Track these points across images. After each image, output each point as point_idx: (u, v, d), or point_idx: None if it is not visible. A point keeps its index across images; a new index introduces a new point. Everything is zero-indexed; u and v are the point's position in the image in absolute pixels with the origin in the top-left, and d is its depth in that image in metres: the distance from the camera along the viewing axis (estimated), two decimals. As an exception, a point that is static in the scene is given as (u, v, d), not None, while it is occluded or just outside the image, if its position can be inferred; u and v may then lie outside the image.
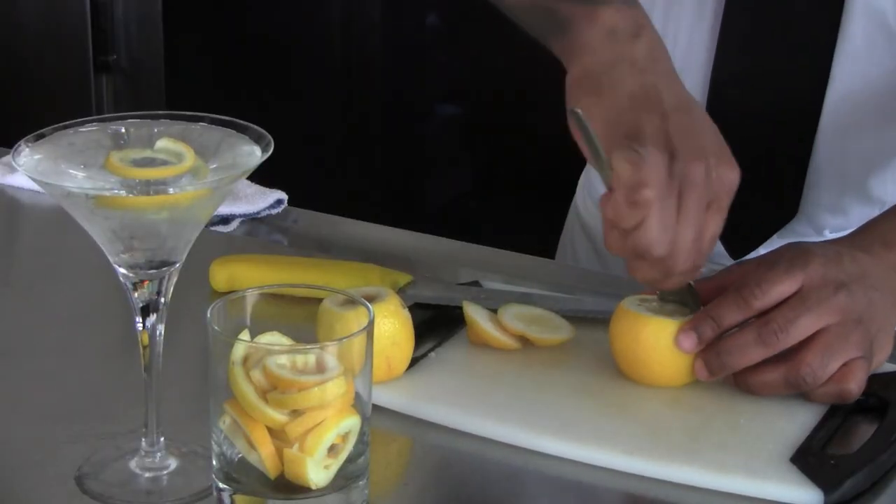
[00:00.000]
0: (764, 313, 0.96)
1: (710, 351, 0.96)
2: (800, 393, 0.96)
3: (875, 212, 1.25)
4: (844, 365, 0.95)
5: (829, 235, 1.26)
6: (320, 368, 0.82)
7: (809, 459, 0.90)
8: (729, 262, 1.23)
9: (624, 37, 1.01)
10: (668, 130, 0.95)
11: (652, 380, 0.98)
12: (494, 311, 1.05)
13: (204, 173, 0.84)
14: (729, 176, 0.95)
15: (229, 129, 0.88)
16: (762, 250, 1.23)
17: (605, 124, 0.96)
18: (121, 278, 0.86)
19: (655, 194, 0.91)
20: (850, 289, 0.96)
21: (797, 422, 0.95)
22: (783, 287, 0.96)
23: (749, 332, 0.95)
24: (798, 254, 0.98)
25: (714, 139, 0.97)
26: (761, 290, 0.96)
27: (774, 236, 1.25)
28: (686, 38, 1.22)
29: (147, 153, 0.86)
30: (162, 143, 0.86)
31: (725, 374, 0.97)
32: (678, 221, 0.93)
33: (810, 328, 0.95)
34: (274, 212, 1.32)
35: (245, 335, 0.83)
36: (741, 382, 0.97)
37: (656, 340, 0.97)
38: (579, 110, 0.94)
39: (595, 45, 1.01)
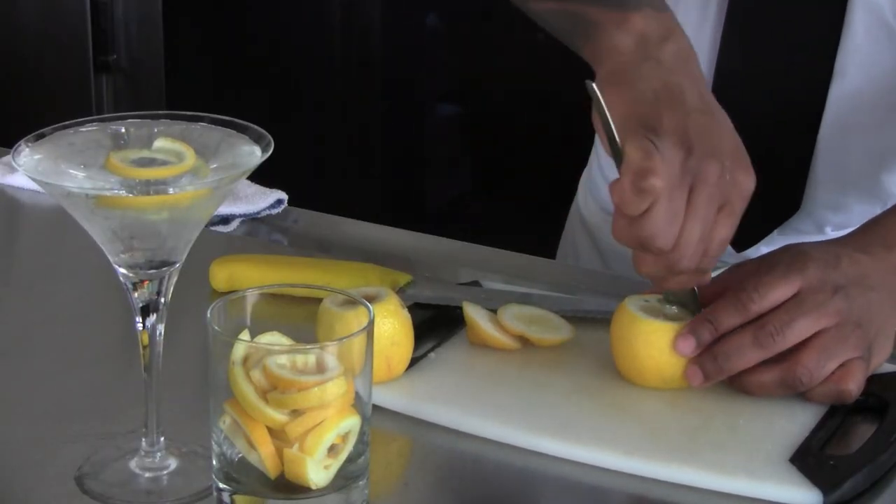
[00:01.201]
0: (761, 317, 0.96)
1: (705, 355, 0.96)
2: (799, 393, 0.96)
3: (877, 209, 1.25)
4: (842, 366, 0.95)
5: (830, 232, 1.26)
6: (320, 368, 0.82)
7: (809, 460, 0.90)
8: (731, 256, 1.24)
9: (654, 40, 1.01)
10: (687, 127, 0.95)
11: (649, 382, 0.98)
12: (494, 311, 1.05)
13: (204, 173, 0.84)
14: (744, 181, 0.95)
15: (229, 129, 0.88)
16: (763, 247, 1.23)
17: (624, 114, 0.96)
18: (121, 278, 0.86)
19: (663, 184, 0.91)
20: (848, 292, 0.96)
21: (796, 422, 0.95)
22: (780, 291, 0.96)
23: (745, 334, 0.95)
24: (796, 257, 0.98)
25: (734, 144, 0.97)
26: (759, 294, 0.96)
27: (776, 232, 1.25)
28: (690, 36, 1.22)
29: (147, 153, 0.86)
30: (160, 143, 0.86)
31: (720, 378, 0.96)
32: (686, 216, 0.93)
33: (806, 331, 0.95)
34: (274, 212, 1.32)
35: (245, 335, 0.83)
36: (737, 383, 0.97)
37: (655, 344, 0.97)
38: (592, 84, 0.94)
39: (624, 49, 1.02)
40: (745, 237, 1.24)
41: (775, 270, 0.97)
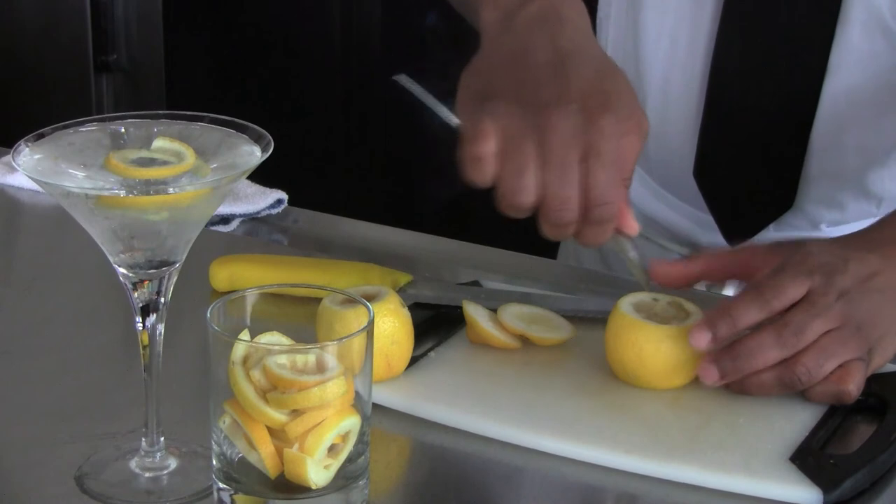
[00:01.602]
0: (773, 317, 0.95)
1: (724, 353, 0.95)
2: (799, 393, 0.96)
3: (872, 207, 1.25)
4: (842, 367, 0.95)
5: (825, 229, 1.26)
6: (320, 368, 0.82)
7: (809, 459, 0.90)
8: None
9: (513, 9, 1.00)
10: (524, 84, 0.94)
11: (641, 382, 0.98)
12: (494, 310, 1.05)
13: (204, 173, 0.84)
14: (604, 122, 0.93)
15: (229, 129, 0.88)
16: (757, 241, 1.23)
17: (464, 93, 0.97)
18: (121, 278, 0.86)
19: (491, 146, 0.92)
20: (852, 297, 0.96)
21: (797, 421, 0.95)
22: (796, 290, 0.95)
23: (767, 333, 0.94)
24: (805, 258, 0.97)
25: (595, 87, 0.95)
26: (780, 291, 0.95)
27: (771, 227, 1.25)
28: (686, 34, 1.22)
29: (147, 153, 0.86)
30: (159, 143, 0.86)
31: (736, 377, 0.95)
32: (544, 169, 0.92)
33: (819, 332, 0.95)
34: (274, 212, 1.32)
35: (245, 335, 0.83)
36: (735, 384, 0.96)
37: (645, 345, 0.97)
38: (402, 75, 0.94)
39: (490, 27, 1.01)
40: (738, 231, 1.24)
41: (787, 270, 0.96)
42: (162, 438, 0.90)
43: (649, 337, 0.97)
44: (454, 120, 0.94)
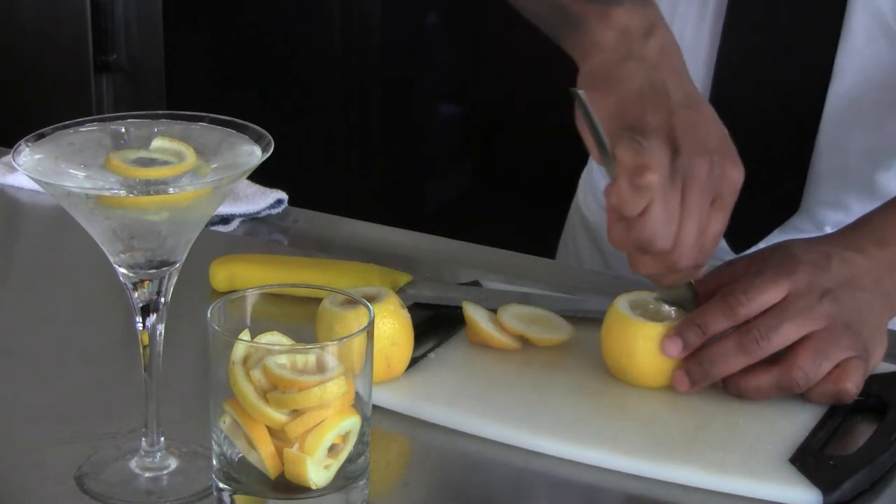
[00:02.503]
0: (748, 321, 0.96)
1: (691, 360, 0.96)
2: (798, 394, 0.96)
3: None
4: (839, 366, 0.95)
5: (829, 231, 1.26)
6: (320, 368, 0.82)
7: (808, 460, 0.90)
8: (730, 256, 1.24)
9: (636, 36, 1.01)
10: (673, 125, 0.95)
11: (635, 381, 0.98)
12: (494, 310, 1.05)
13: (204, 173, 0.84)
14: (733, 174, 0.95)
15: (229, 129, 0.88)
16: (763, 245, 1.23)
17: (610, 117, 0.96)
18: (121, 278, 0.86)
19: (658, 180, 0.92)
20: (837, 295, 0.96)
21: (796, 422, 0.95)
22: (769, 295, 0.96)
23: (730, 340, 0.95)
24: (785, 259, 0.98)
25: (720, 137, 0.97)
26: (747, 298, 0.96)
27: (776, 231, 1.25)
28: (690, 35, 1.22)
29: (147, 153, 0.86)
30: (158, 143, 0.86)
31: (707, 383, 0.96)
32: (681, 215, 0.93)
33: (792, 336, 0.95)
34: (274, 212, 1.32)
35: (245, 335, 0.83)
36: (732, 387, 0.97)
37: (639, 344, 0.97)
38: (580, 91, 0.94)
39: (607, 44, 1.02)
40: (744, 237, 1.24)
41: (764, 273, 0.97)
42: (162, 438, 0.90)
43: (640, 334, 0.97)
44: (608, 144, 0.94)
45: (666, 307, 1.00)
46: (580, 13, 1.04)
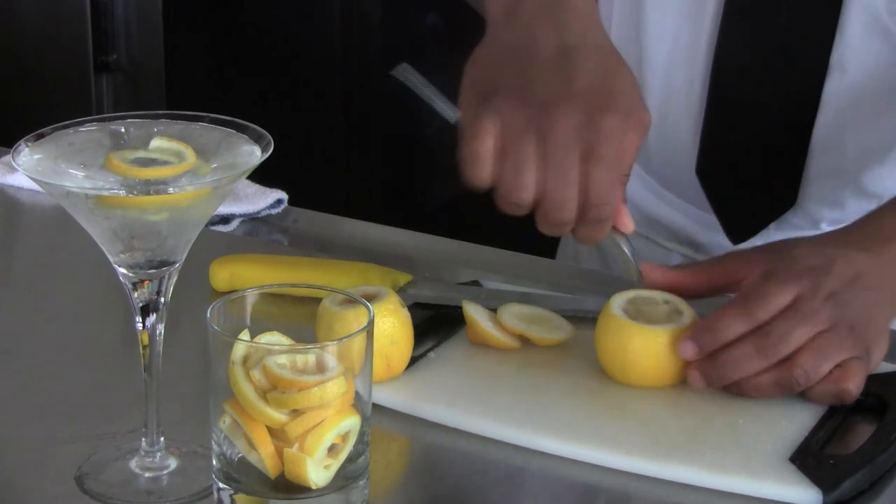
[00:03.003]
0: (760, 325, 0.96)
1: (708, 362, 0.96)
2: (799, 394, 0.96)
3: (872, 205, 1.25)
4: (840, 366, 0.95)
5: (825, 228, 1.26)
6: (320, 368, 0.82)
7: (808, 459, 0.90)
8: (729, 248, 1.24)
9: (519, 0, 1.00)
10: (531, 79, 0.94)
11: (632, 382, 0.98)
12: (494, 310, 1.05)
13: (204, 172, 0.84)
14: (606, 122, 0.93)
15: (229, 129, 0.88)
16: (758, 240, 1.23)
17: (467, 86, 0.96)
18: (121, 278, 0.86)
19: (490, 143, 0.92)
20: (841, 297, 0.96)
21: (796, 422, 0.95)
22: (781, 299, 0.96)
23: (748, 344, 0.95)
24: (790, 263, 0.98)
25: (598, 85, 0.94)
26: (765, 303, 0.95)
27: (772, 227, 1.25)
28: (688, 33, 1.22)
29: (145, 153, 0.86)
30: (157, 143, 0.86)
31: (721, 384, 0.96)
32: (544, 168, 0.92)
33: (804, 338, 0.95)
34: (274, 211, 1.32)
35: (245, 335, 0.83)
36: (733, 386, 0.97)
37: (635, 346, 0.98)
38: (403, 65, 0.94)
39: (496, 12, 1.01)
40: (741, 230, 1.25)
41: (774, 277, 0.97)
42: (162, 438, 0.90)
43: (633, 336, 0.98)
44: (452, 115, 0.94)
45: (660, 308, 1.00)
46: None
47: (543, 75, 0.94)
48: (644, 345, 0.97)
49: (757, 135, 1.22)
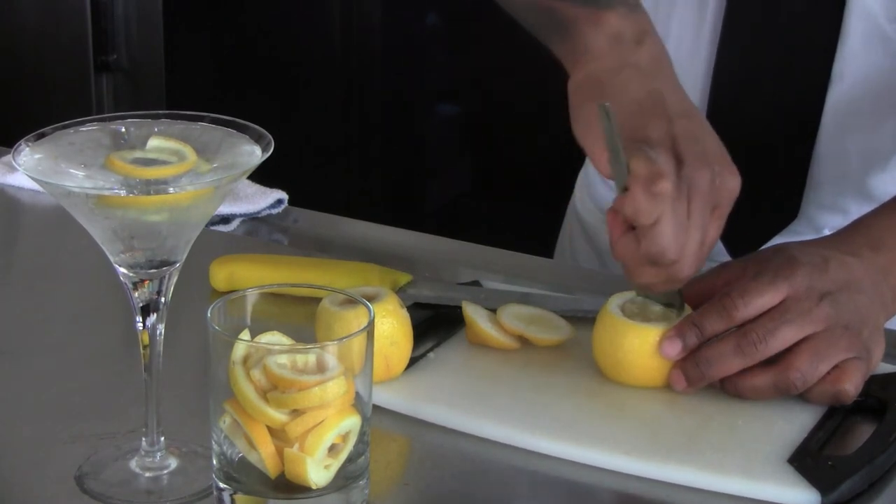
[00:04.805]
0: (746, 323, 0.96)
1: (689, 360, 0.97)
2: (798, 395, 0.96)
3: None
4: (837, 367, 0.95)
5: (827, 234, 1.26)
6: (320, 368, 0.82)
7: (807, 461, 0.90)
8: (724, 257, 1.24)
9: (628, 42, 1.01)
10: (674, 136, 0.95)
11: (629, 382, 0.99)
12: (494, 311, 1.05)
13: (204, 172, 0.84)
14: (731, 183, 0.96)
15: (229, 129, 0.88)
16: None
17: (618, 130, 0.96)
18: (121, 278, 0.86)
19: (671, 188, 0.92)
20: (836, 298, 0.96)
21: (795, 423, 0.95)
22: (766, 298, 0.96)
23: (728, 342, 0.96)
24: (784, 263, 0.98)
25: (716, 146, 0.97)
26: (743, 302, 0.96)
27: (775, 237, 1.25)
28: (688, 40, 1.22)
29: (145, 153, 0.86)
30: (154, 143, 0.86)
31: (703, 383, 0.96)
32: (687, 227, 0.93)
33: (790, 339, 0.95)
34: (274, 211, 1.32)
35: (245, 335, 0.83)
36: (730, 388, 0.97)
37: (631, 346, 0.98)
38: (608, 104, 0.93)
39: (598, 51, 1.01)
40: (744, 243, 1.24)
41: (762, 277, 0.97)
42: (162, 438, 0.90)
43: (630, 336, 0.98)
44: (623, 156, 0.94)
45: (656, 308, 1.00)
46: (571, 17, 1.04)
47: (685, 135, 0.96)
48: (638, 343, 0.97)
49: (759, 146, 1.22)
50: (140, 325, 0.87)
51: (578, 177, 1.47)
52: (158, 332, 0.88)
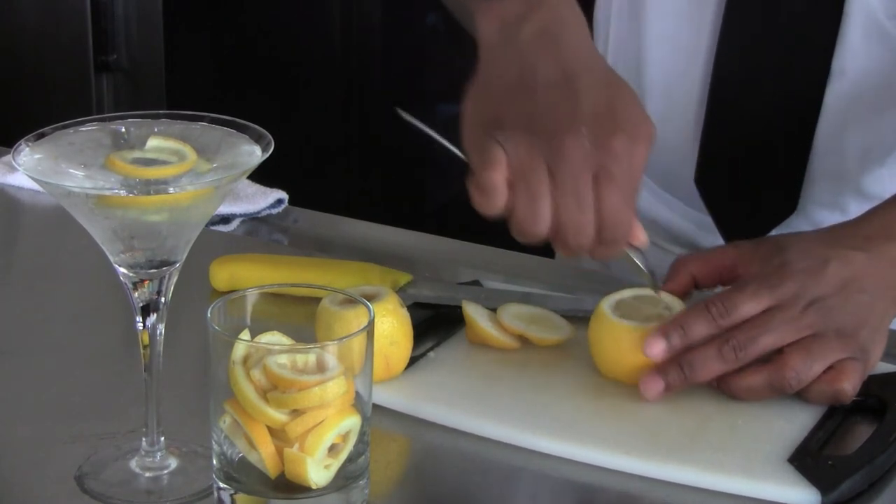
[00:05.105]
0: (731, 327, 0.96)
1: (670, 363, 0.96)
2: (797, 394, 0.96)
3: None
4: (835, 367, 0.95)
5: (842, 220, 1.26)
6: (320, 368, 0.82)
7: (807, 460, 0.90)
8: None
9: (511, 23, 0.99)
10: (534, 109, 0.94)
11: (626, 381, 0.99)
12: (494, 310, 1.05)
13: (204, 172, 0.84)
14: (614, 142, 0.93)
15: (229, 129, 0.88)
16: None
17: (470, 119, 0.96)
18: (121, 278, 0.86)
19: (502, 175, 0.91)
20: (826, 303, 0.96)
21: (795, 422, 0.95)
22: (747, 308, 0.96)
23: (711, 347, 0.96)
24: (776, 269, 0.98)
25: (603, 107, 0.94)
26: (726, 310, 0.96)
27: (773, 231, 1.25)
28: (687, 38, 1.22)
29: (144, 153, 0.86)
30: (153, 143, 0.86)
31: (682, 387, 0.96)
32: (557, 196, 0.92)
33: (769, 347, 0.95)
34: (274, 211, 1.32)
35: (245, 335, 0.83)
36: (725, 387, 0.97)
37: (626, 345, 0.98)
38: (402, 112, 0.93)
39: (488, 41, 1.00)
40: (742, 237, 1.24)
41: (748, 285, 0.97)
42: (162, 438, 0.90)
43: (623, 335, 0.98)
44: (458, 151, 0.93)
45: (650, 308, 1.00)
46: (471, 8, 1.03)
47: (547, 104, 0.94)
48: (632, 341, 0.97)
49: (757, 141, 1.21)
50: (140, 325, 0.87)
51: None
52: (158, 332, 0.88)
